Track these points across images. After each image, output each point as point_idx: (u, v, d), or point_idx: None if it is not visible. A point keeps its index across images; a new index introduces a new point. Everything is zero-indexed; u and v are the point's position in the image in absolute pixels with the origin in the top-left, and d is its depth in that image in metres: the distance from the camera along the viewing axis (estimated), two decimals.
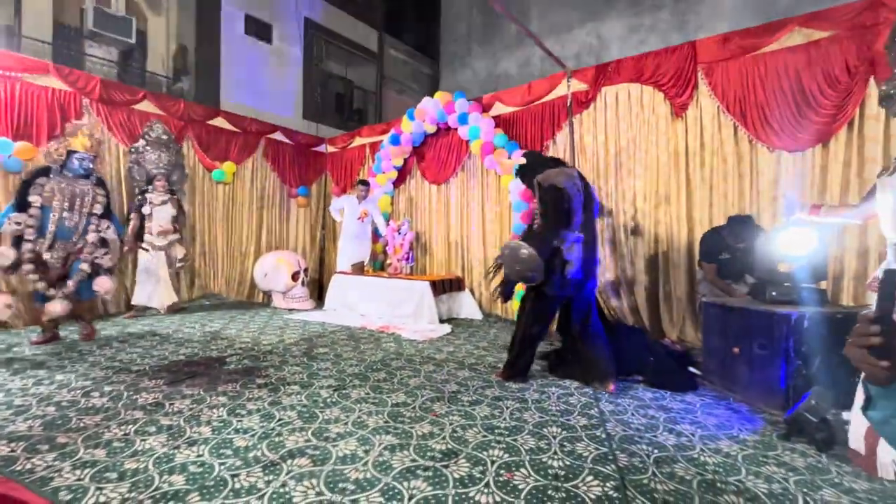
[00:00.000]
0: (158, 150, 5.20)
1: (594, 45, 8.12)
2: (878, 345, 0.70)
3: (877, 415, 0.81)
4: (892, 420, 0.79)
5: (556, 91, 4.66)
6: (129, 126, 5.10)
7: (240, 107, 6.97)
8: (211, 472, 1.63)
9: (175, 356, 3.23)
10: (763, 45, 3.46)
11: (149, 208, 4.84)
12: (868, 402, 0.81)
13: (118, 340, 3.67)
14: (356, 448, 1.85)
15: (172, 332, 4.01)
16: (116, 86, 5.16)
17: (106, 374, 2.77)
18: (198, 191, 5.79)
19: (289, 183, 6.80)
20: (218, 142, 5.95)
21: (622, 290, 4.27)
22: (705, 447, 1.93)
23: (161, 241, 4.85)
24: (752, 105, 3.51)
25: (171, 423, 2.06)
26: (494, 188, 5.21)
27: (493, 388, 2.67)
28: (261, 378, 2.75)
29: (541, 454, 1.84)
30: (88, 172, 3.62)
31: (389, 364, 3.16)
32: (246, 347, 3.53)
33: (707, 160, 3.78)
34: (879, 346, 0.70)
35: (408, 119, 5.65)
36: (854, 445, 1.75)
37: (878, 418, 0.81)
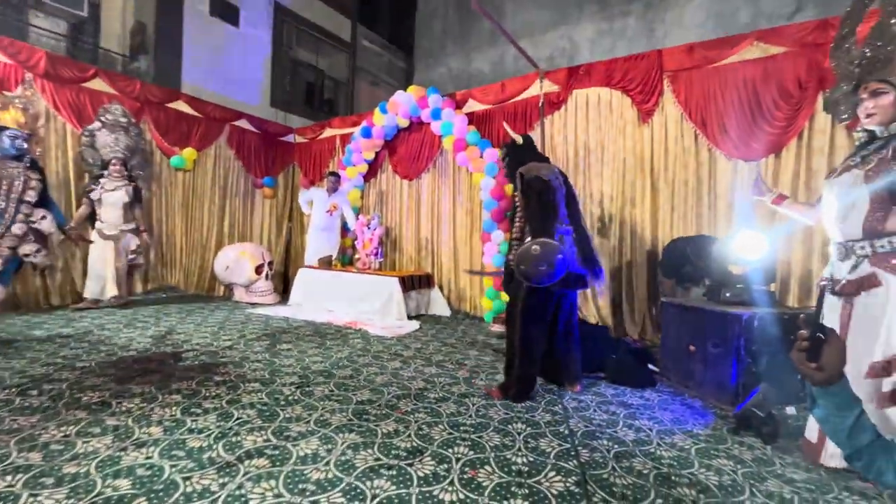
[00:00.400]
0: (115, 132, 4.82)
1: (566, 48, 8.25)
2: (808, 349, 0.83)
3: (819, 412, 0.88)
4: (831, 418, 0.86)
5: (529, 91, 4.71)
6: (77, 106, 4.75)
7: (202, 91, 6.64)
8: (161, 474, 1.55)
9: (125, 352, 3.05)
10: (724, 56, 3.62)
11: (98, 194, 4.51)
12: (812, 402, 0.87)
13: (61, 335, 3.42)
14: (318, 447, 1.80)
15: (124, 327, 3.79)
16: (65, 61, 4.80)
17: (46, 370, 2.58)
18: (155, 178, 5.48)
19: (254, 173, 6.56)
20: (178, 126, 5.65)
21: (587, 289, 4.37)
22: (662, 441, 2.01)
23: (111, 230, 4.56)
24: (712, 114, 3.67)
25: (117, 423, 1.94)
26: (466, 185, 5.21)
27: (460, 385, 2.67)
28: (219, 375, 2.64)
29: (505, 451, 1.85)
30: (21, 153, 3.22)
31: (356, 361, 3.11)
32: (204, 343, 3.38)
33: (670, 165, 3.92)
34: (809, 350, 0.82)
35: (380, 112, 5.56)
36: (808, 435, 1.87)
37: (819, 416, 0.88)
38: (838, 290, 1.72)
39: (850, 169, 1.71)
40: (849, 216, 1.68)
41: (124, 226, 4.62)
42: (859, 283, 1.65)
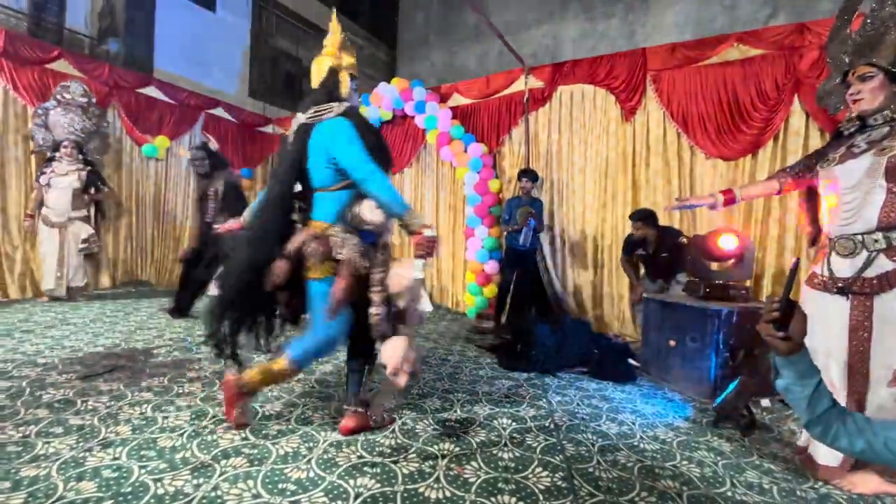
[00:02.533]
0: (71, 112, 4.45)
1: (550, 45, 8.28)
2: (777, 319, 0.87)
3: (781, 382, 0.92)
4: (793, 387, 0.90)
5: (514, 86, 4.70)
6: (40, 87, 4.49)
7: (176, 77, 6.37)
8: (129, 476, 1.46)
9: (91, 347, 2.89)
10: (706, 56, 3.68)
11: (47, 178, 4.17)
12: (776, 373, 0.92)
13: (21, 330, 3.23)
14: (299, 445, 1.74)
15: (90, 321, 3.60)
16: (25, 39, 4.53)
17: (4, 367, 2.42)
18: (125, 166, 5.23)
19: (232, 164, 6.34)
20: (150, 113, 5.41)
21: (568, 284, 4.41)
22: (644, 435, 2.03)
23: (57, 217, 4.20)
24: (693, 114, 3.73)
25: (82, 422, 1.82)
26: (449, 179, 5.17)
27: (444, 381, 2.64)
28: (193, 371, 2.53)
29: (492, 447, 1.83)
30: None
31: (337, 356, 3.03)
32: (177, 338, 3.24)
33: (652, 162, 3.97)
34: (778, 320, 0.87)
35: (363, 104, 5.45)
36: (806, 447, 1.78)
37: (781, 385, 0.92)
38: (849, 288, 1.56)
39: (856, 156, 1.59)
40: (861, 207, 1.55)
41: (73, 213, 4.26)
42: (881, 281, 1.50)
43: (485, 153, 4.72)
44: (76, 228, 4.28)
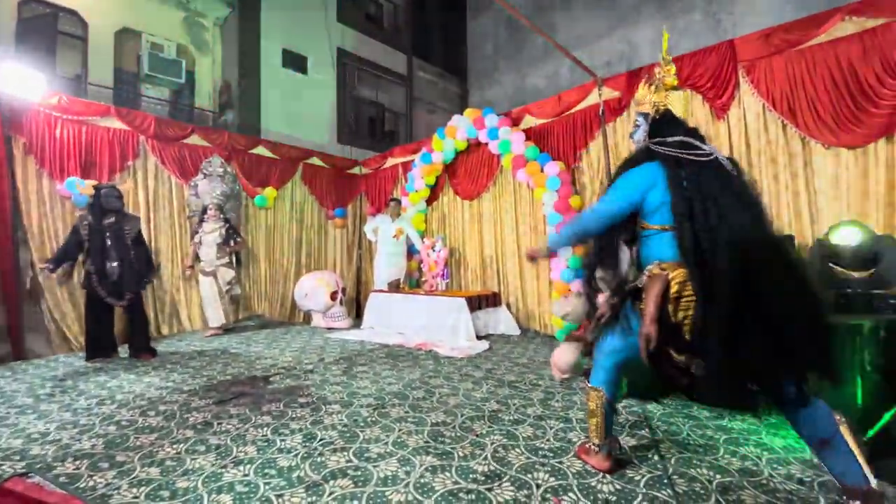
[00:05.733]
0: (213, 181, 5.60)
1: (625, 51, 7.98)
2: None
3: None
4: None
5: (588, 100, 4.59)
6: (179, 159, 5.46)
7: (278, 135, 7.33)
8: (256, 491, 1.66)
9: (222, 376, 3.35)
10: (809, 37, 3.27)
11: (199, 237, 5.15)
12: None
13: (171, 362, 3.85)
14: (397, 469, 1.83)
15: (220, 353, 4.18)
16: (168, 122, 5.57)
17: (161, 393, 2.91)
18: (242, 217, 6.09)
19: (326, 205, 7.03)
20: (259, 169, 6.26)
21: None
22: (775, 472, 1.77)
23: (209, 266, 5.12)
24: (801, 101, 3.31)
25: (219, 442, 2.12)
26: (527, 201, 5.15)
27: (535, 407, 2.58)
28: (303, 397, 2.80)
29: (589, 478, 1.74)
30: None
31: (428, 382, 3.13)
32: (288, 366, 3.62)
33: (754, 161, 3.57)
34: None
35: (438, 137, 5.73)
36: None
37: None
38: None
39: None
40: None
41: (218, 262, 5.17)
42: None
43: (562, 171, 4.64)
44: (222, 273, 5.19)
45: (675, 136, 1.65)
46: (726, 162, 1.62)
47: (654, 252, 1.63)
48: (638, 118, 1.78)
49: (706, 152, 1.60)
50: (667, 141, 1.65)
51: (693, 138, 1.64)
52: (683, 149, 1.60)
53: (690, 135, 1.66)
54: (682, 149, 1.60)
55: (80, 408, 2.65)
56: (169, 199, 5.40)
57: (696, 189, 1.54)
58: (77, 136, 4.66)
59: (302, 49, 8.22)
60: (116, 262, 3.83)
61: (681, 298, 1.52)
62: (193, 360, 3.90)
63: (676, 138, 1.64)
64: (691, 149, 1.60)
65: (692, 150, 1.60)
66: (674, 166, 1.59)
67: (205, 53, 7.48)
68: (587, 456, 1.83)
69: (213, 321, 5.12)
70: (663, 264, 1.59)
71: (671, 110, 1.74)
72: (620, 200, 1.68)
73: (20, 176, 4.33)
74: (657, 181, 1.61)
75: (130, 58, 6.71)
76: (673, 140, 1.64)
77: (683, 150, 1.60)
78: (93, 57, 6.31)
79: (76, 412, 2.58)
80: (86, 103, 4.86)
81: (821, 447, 1.46)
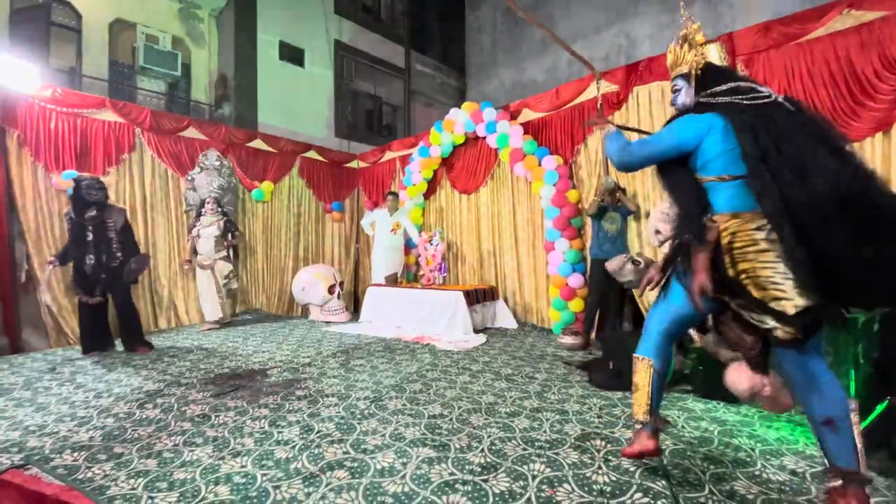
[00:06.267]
0: (210, 175, 5.58)
1: (623, 45, 7.95)
2: None
3: None
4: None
5: (586, 94, 4.58)
6: (176, 152, 5.42)
7: (275, 128, 7.28)
8: (254, 483, 1.67)
9: (220, 369, 3.36)
10: (808, 31, 3.26)
11: (197, 230, 5.13)
12: None
13: (168, 355, 3.86)
14: (394, 460, 1.84)
15: (218, 346, 4.18)
16: (164, 115, 5.52)
17: (159, 387, 2.91)
18: (239, 210, 6.06)
19: (323, 199, 7.01)
20: (256, 162, 6.23)
21: None
22: (768, 463, 1.79)
23: (206, 260, 5.11)
24: (798, 94, 3.30)
25: (216, 434, 2.12)
26: (525, 195, 5.15)
27: (532, 400, 2.60)
28: (300, 390, 2.81)
29: (584, 469, 1.75)
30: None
31: (425, 375, 3.15)
32: (286, 360, 3.62)
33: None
34: None
35: (436, 131, 5.71)
36: None
37: None
38: None
39: None
40: None
41: (216, 255, 5.16)
42: None
43: (560, 165, 4.64)
44: (220, 267, 5.18)
45: (726, 84, 1.55)
46: (788, 103, 1.48)
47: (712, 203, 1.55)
48: (677, 82, 1.67)
49: (765, 94, 1.49)
50: (718, 91, 1.55)
51: (747, 82, 1.54)
52: (739, 94, 1.50)
53: (742, 80, 1.55)
54: (737, 95, 1.50)
55: (78, 400, 2.66)
56: (165, 193, 5.37)
57: (766, 131, 1.42)
58: (72, 128, 4.62)
59: (299, 42, 8.16)
60: (93, 257, 3.71)
61: (733, 250, 1.42)
62: (191, 353, 3.91)
63: (728, 85, 1.54)
64: (748, 93, 1.49)
65: (748, 94, 1.49)
66: (734, 112, 1.49)
67: (201, 46, 7.41)
68: (633, 445, 1.66)
69: (211, 315, 5.12)
70: (715, 217, 1.51)
71: (712, 63, 1.64)
72: (674, 138, 1.59)
73: (14, 169, 4.30)
74: (714, 128, 1.52)
75: (125, 50, 6.65)
76: (725, 88, 1.54)
77: (739, 95, 1.50)
78: (87, 49, 6.24)
79: (74, 405, 2.58)
80: (80, 95, 4.82)
81: (824, 426, 1.39)
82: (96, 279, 3.75)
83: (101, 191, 3.84)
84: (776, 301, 1.33)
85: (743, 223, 1.44)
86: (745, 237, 1.42)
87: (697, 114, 1.58)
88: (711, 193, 1.55)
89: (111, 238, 3.81)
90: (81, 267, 3.72)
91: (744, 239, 1.42)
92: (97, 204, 3.79)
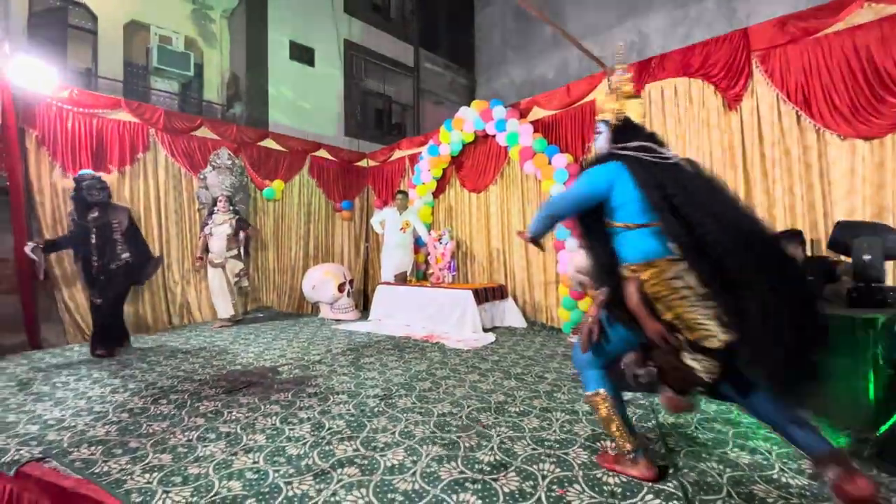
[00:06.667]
0: (222, 174, 5.65)
1: (635, 42, 7.86)
2: None
3: None
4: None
5: (597, 91, 4.53)
6: (188, 151, 5.49)
7: (286, 127, 7.33)
8: (266, 478, 1.68)
9: (232, 366, 3.40)
10: (827, 25, 3.19)
11: (210, 228, 5.20)
12: None
13: (182, 352, 3.91)
14: (404, 458, 1.84)
15: (230, 343, 4.23)
16: (177, 115, 5.60)
17: (172, 383, 2.96)
18: (250, 208, 6.13)
19: (333, 198, 7.05)
20: (267, 161, 6.28)
21: None
22: (786, 467, 1.76)
23: (218, 258, 5.17)
24: (816, 91, 3.24)
25: (229, 430, 2.15)
26: (535, 193, 5.12)
27: (541, 399, 2.59)
28: (311, 387, 2.83)
29: (595, 469, 1.74)
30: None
31: (434, 373, 3.15)
32: (296, 358, 3.65)
33: (767, 153, 3.51)
34: None
35: (445, 129, 5.70)
36: None
37: None
38: None
39: None
40: None
41: (227, 253, 5.22)
42: None
43: (570, 163, 4.60)
44: (231, 265, 5.25)
45: (635, 141, 1.70)
46: (688, 164, 1.67)
47: (623, 252, 1.66)
48: (599, 125, 1.82)
49: (667, 155, 1.66)
50: (628, 146, 1.69)
51: (653, 143, 1.69)
52: (645, 152, 1.65)
53: (650, 140, 1.71)
54: (645, 152, 1.65)
55: (95, 395, 2.71)
56: (179, 192, 5.44)
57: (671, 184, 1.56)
58: (88, 128, 4.71)
59: (309, 41, 8.20)
60: (98, 259, 3.64)
61: (659, 298, 1.52)
62: (203, 350, 3.96)
63: (637, 143, 1.69)
64: (652, 152, 1.65)
65: (653, 153, 1.65)
66: (637, 167, 1.63)
67: (212, 46, 7.49)
68: (626, 468, 1.70)
69: (223, 312, 5.19)
70: (632, 266, 1.61)
71: (630, 117, 1.78)
72: (587, 186, 1.72)
73: (33, 168, 4.39)
74: (621, 177, 1.65)
75: (139, 51, 6.74)
76: (634, 144, 1.69)
77: (645, 153, 1.65)
78: (102, 50, 6.34)
79: (90, 400, 2.63)
80: (96, 96, 4.90)
81: (790, 423, 1.49)
82: (102, 282, 3.70)
83: (103, 190, 3.71)
84: (707, 340, 1.43)
85: (659, 272, 1.54)
86: (665, 287, 1.52)
87: (607, 163, 1.71)
88: (621, 240, 1.67)
89: (116, 240, 3.70)
90: (89, 267, 3.68)
91: (666, 288, 1.52)
92: (99, 205, 3.66)
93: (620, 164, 1.66)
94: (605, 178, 1.68)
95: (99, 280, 3.69)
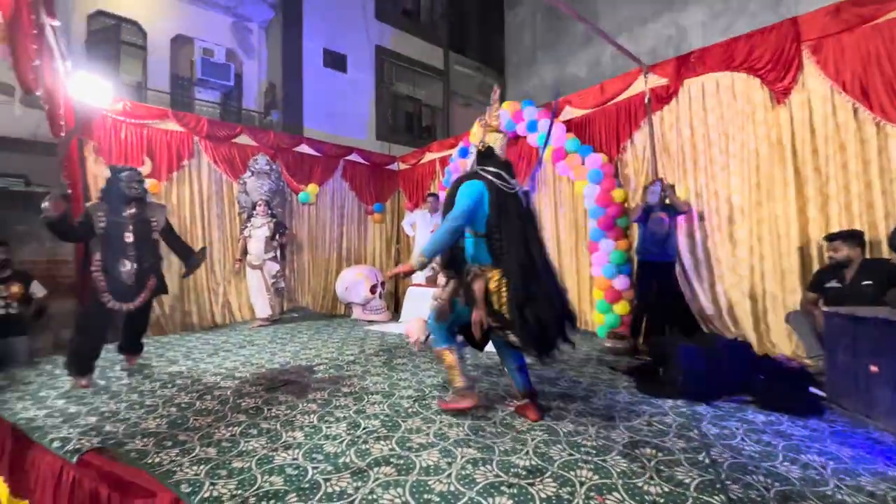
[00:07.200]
0: (261, 179, 5.88)
1: (672, 36, 7.59)
2: None
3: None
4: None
5: (632, 88, 4.41)
6: (229, 158, 5.74)
7: (320, 133, 7.54)
8: (305, 475, 1.73)
9: (270, 364, 3.51)
10: (887, 10, 2.97)
11: (249, 231, 5.42)
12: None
13: (223, 350, 4.08)
14: (439, 459, 1.85)
15: (268, 343, 4.38)
16: (219, 123, 5.86)
17: (216, 380, 3.09)
18: (287, 212, 6.33)
19: (365, 201, 7.18)
20: (303, 166, 6.47)
21: (719, 299, 3.85)
22: (842, 483, 1.65)
23: (256, 261, 5.38)
24: (876, 81, 3.02)
25: (269, 426, 2.23)
26: (567, 194, 5.03)
27: (577, 403, 2.53)
28: (346, 387, 2.89)
29: (635, 478, 1.69)
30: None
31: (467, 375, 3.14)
32: (331, 358, 3.74)
33: (820, 148, 3.30)
34: None
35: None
36: None
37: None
38: None
39: None
40: None
41: (265, 255, 5.41)
42: None
43: (605, 163, 4.49)
44: (268, 267, 5.45)
45: (493, 168, 2.25)
46: (523, 196, 2.27)
47: (471, 253, 2.25)
48: (471, 147, 2.30)
49: (511, 186, 2.23)
50: (487, 170, 2.24)
51: (505, 172, 2.25)
52: (498, 179, 2.20)
53: (503, 169, 2.26)
54: (497, 179, 2.20)
55: (146, 390, 2.87)
56: (220, 196, 5.69)
57: (505, 210, 2.15)
58: (139, 138, 5.00)
59: (342, 48, 8.40)
60: (134, 261, 3.13)
61: (494, 292, 2.13)
62: (243, 348, 4.12)
63: (494, 170, 2.24)
64: (502, 180, 2.20)
65: (502, 181, 2.20)
66: (493, 189, 2.18)
67: (251, 56, 7.80)
68: (458, 402, 2.31)
69: (261, 312, 5.38)
70: (483, 266, 2.19)
71: (492, 147, 2.34)
72: (468, 209, 2.15)
73: (91, 176, 4.70)
74: (484, 195, 2.18)
75: (185, 63, 7.11)
76: (491, 170, 2.24)
77: (497, 180, 2.20)
78: (151, 64, 6.73)
79: (142, 394, 2.79)
80: (146, 108, 5.21)
81: (519, 370, 2.39)
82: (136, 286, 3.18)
83: (142, 184, 3.32)
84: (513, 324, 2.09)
85: (499, 275, 2.13)
86: (498, 284, 2.13)
87: (476, 181, 2.22)
88: (475, 244, 2.23)
89: (156, 240, 3.34)
90: (114, 273, 3.08)
91: (500, 285, 2.12)
92: (138, 199, 3.23)
93: (483, 184, 2.18)
94: (480, 192, 2.18)
95: (129, 285, 3.15)
